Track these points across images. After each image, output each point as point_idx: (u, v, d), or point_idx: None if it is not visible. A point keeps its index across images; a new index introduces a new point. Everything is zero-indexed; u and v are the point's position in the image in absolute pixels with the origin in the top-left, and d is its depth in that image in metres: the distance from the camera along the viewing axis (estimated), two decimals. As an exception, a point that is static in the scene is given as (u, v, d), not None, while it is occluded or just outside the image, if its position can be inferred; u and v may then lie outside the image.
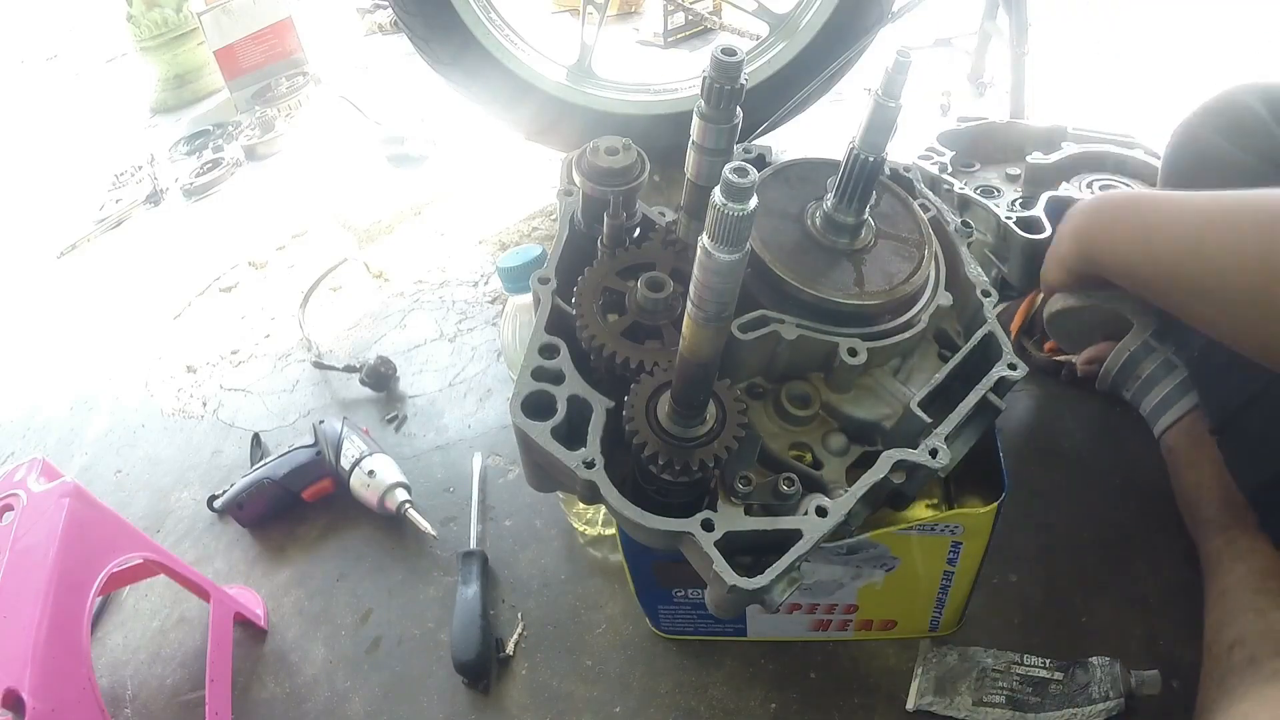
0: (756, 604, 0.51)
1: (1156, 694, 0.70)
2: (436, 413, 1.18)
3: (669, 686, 0.81)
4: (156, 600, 1.00)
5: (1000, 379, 0.60)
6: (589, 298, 0.59)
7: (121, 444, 1.28)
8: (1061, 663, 0.73)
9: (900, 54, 0.52)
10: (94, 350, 1.53)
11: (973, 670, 0.74)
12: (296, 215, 1.78)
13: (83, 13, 3.69)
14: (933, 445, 0.56)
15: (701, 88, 0.52)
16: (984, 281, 0.64)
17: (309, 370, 1.32)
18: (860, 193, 0.57)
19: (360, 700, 0.85)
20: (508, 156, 1.77)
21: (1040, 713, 0.71)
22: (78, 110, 2.86)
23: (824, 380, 0.60)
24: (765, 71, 1.43)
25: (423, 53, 1.44)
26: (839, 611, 0.75)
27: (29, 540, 0.72)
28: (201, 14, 2.31)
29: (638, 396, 0.53)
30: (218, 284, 1.63)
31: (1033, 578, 0.83)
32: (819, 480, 0.57)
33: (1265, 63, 1.53)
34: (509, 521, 0.99)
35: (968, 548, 0.67)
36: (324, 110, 2.25)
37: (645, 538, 0.54)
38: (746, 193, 0.38)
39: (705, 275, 0.42)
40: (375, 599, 0.95)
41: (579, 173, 0.62)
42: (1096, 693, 0.70)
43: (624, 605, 0.88)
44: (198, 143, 2.26)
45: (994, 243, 1.05)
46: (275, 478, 1.04)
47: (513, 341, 0.84)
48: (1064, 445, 0.95)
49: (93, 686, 0.68)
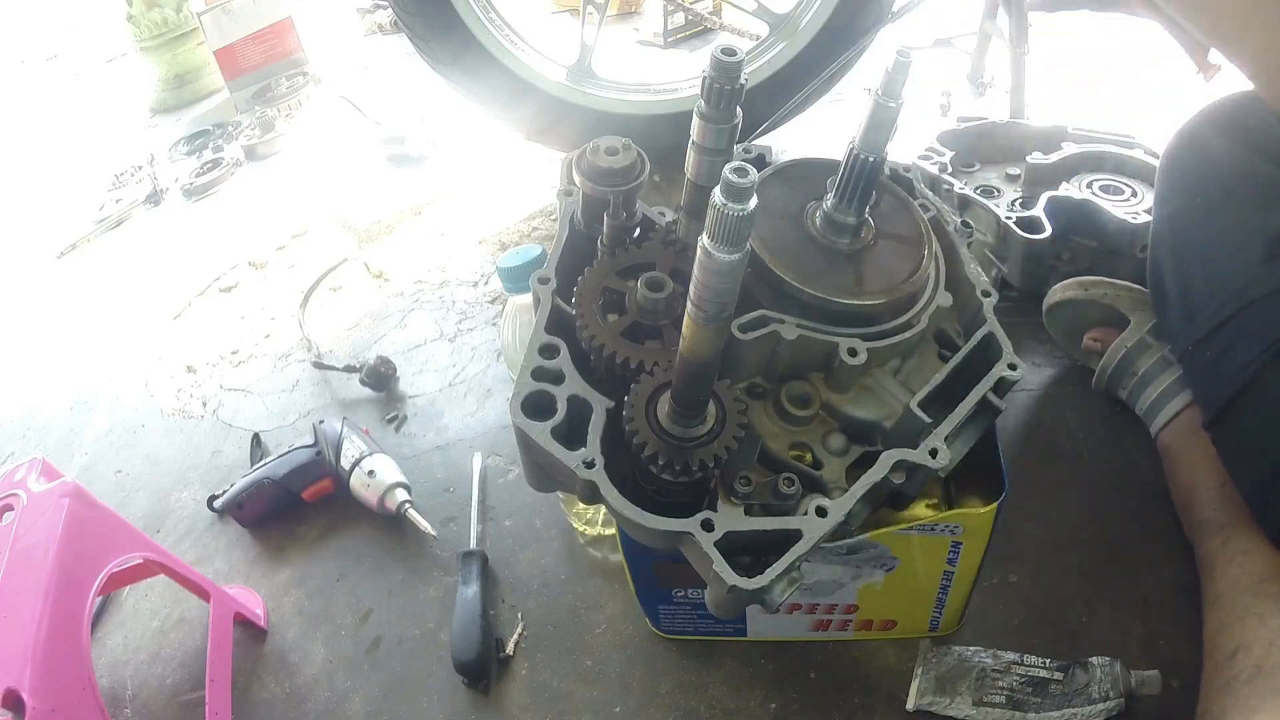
0: (756, 604, 0.51)
1: (1157, 694, 0.69)
2: (436, 413, 1.18)
3: (669, 686, 0.81)
4: (156, 600, 1.00)
5: (1000, 379, 0.60)
6: (589, 298, 0.59)
7: (121, 444, 1.28)
8: (1061, 663, 0.73)
9: (900, 54, 0.52)
10: (94, 350, 1.54)
11: (973, 670, 0.74)
12: (296, 215, 1.78)
13: (83, 13, 3.70)
14: (933, 445, 0.55)
15: (701, 88, 0.52)
16: (984, 281, 0.64)
17: (309, 370, 1.32)
18: (860, 193, 0.57)
19: (360, 700, 0.85)
20: (508, 156, 1.77)
21: (1040, 712, 0.71)
22: (78, 110, 2.87)
23: (824, 380, 0.60)
24: (765, 71, 1.43)
25: (423, 53, 1.44)
26: (839, 611, 0.75)
27: (29, 540, 0.72)
28: (201, 14, 2.31)
29: (638, 396, 0.53)
30: (218, 284, 1.63)
31: (1033, 578, 0.83)
32: (819, 480, 0.57)
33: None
34: (509, 521, 0.99)
35: (968, 548, 0.67)
36: (324, 110, 2.25)
37: (645, 538, 0.54)
38: (746, 193, 0.38)
39: (705, 275, 0.42)
40: (375, 599, 0.95)
41: (579, 173, 0.62)
42: (1096, 693, 0.70)
43: (624, 605, 0.88)
44: (198, 143, 2.26)
45: (994, 243, 1.05)
46: (275, 478, 1.04)
47: (513, 341, 0.84)
48: (1064, 445, 0.95)
49: (93, 686, 0.68)
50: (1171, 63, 1.53)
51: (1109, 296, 0.91)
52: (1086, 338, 0.95)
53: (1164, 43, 0.82)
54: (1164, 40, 0.81)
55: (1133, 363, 0.89)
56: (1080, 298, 0.93)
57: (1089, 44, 1.72)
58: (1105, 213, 0.99)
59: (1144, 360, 0.88)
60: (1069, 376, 1.02)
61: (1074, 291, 0.94)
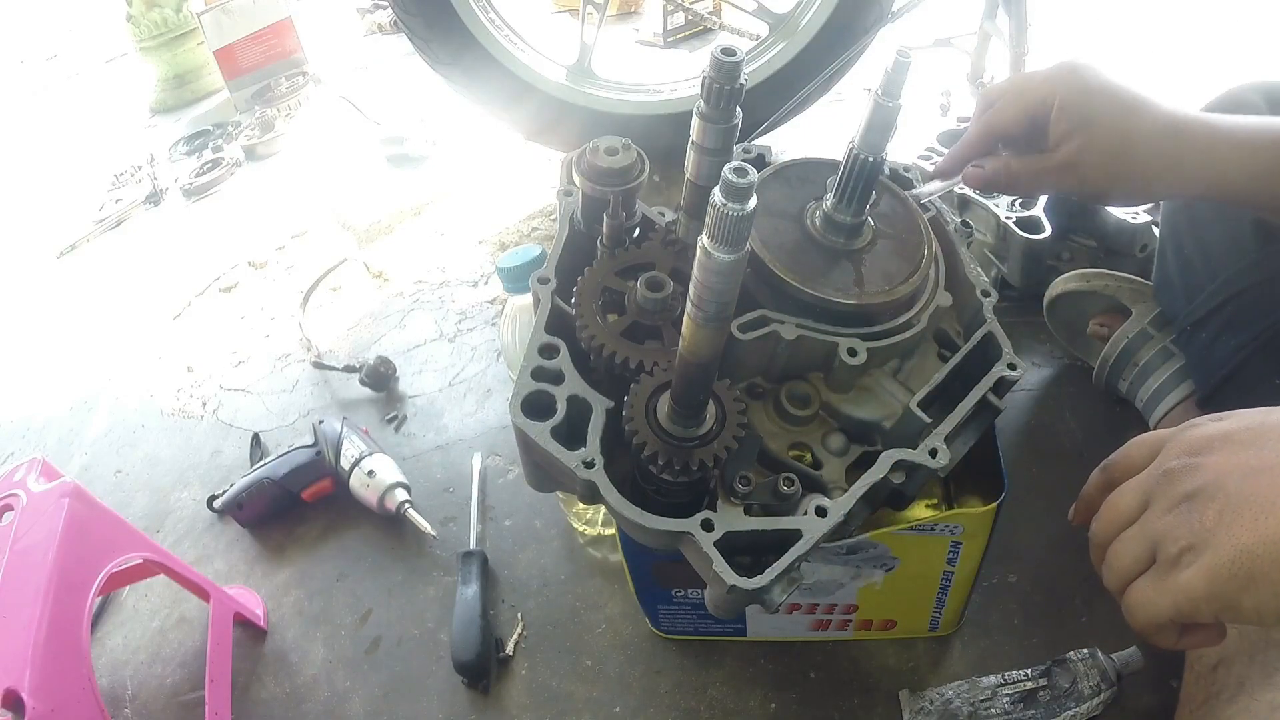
0: (756, 604, 0.51)
1: (1141, 669, 0.70)
2: (436, 413, 1.18)
3: (669, 686, 0.81)
4: (156, 600, 1.00)
5: (1000, 379, 0.60)
6: (589, 298, 0.59)
7: (121, 444, 1.28)
8: (1039, 667, 0.73)
9: (900, 54, 0.52)
10: (94, 350, 1.54)
11: (961, 712, 0.72)
12: (296, 215, 1.78)
13: (83, 13, 3.70)
14: (932, 445, 0.55)
15: (701, 88, 0.52)
16: (984, 281, 0.64)
17: (309, 370, 1.32)
18: (860, 193, 0.57)
19: (360, 700, 0.85)
20: (508, 156, 1.77)
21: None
22: (77, 110, 2.87)
23: (824, 380, 0.60)
24: (765, 71, 1.43)
25: (423, 53, 1.44)
26: (839, 611, 0.75)
27: (29, 540, 0.72)
28: (201, 14, 2.31)
29: (637, 396, 0.53)
30: (217, 284, 1.63)
31: (1033, 578, 0.83)
32: (819, 480, 0.57)
33: (1267, 61, 1.53)
34: (509, 521, 0.99)
35: (967, 548, 0.67)
36: (324, 110, 2.25)
37: (645, 538, 0.54)
38: (746, 193, 0.38)
39: (705, 275, 0.42)
40: (375, 599, 0.95)
41: (579, 173, 0.62)
42: (1086, 689, 0.70)
43: (624, 605, 0.88)
44: (197, 143, 2.26)
45: (994, 243, 1.05)
46: (275, 478, 1.04)
47: (512, 341, 0.84)
48: (1064, 445, 0.95)
49: (92, 686, 0.68)
50: (1172, 62, 1.54)
51: (1110, 288, 0.92)
52: (1092, 323, 0.96)
53: (1164, 43, 0.82)
54: (1164, 40, 0.81)
55: (1134, 353, 0.89)
56: (1082, 289, 0.93)
57: (1089, 44, 1.72)
58: (1105, 212, 0.99)
59: (1145, 351, 0.88)
60: (1069, 376, 1.02)
61: (1076, 283, 0.94)
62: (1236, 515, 0.40)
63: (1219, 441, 0.44)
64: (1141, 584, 0.45)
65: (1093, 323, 0.96)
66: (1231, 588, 0.40)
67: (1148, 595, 0.44)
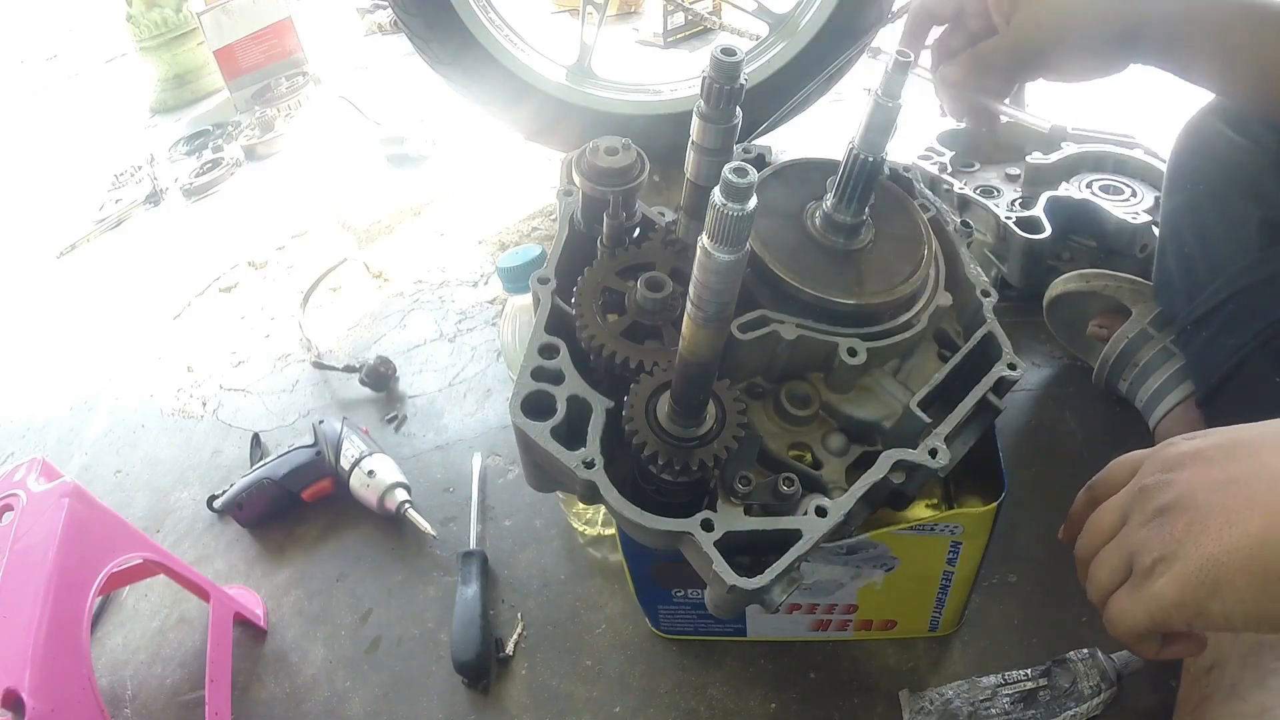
0: (756, 604, 0.51)
1: (1141, 669, 0.70)
2: (436, 413, 1.18)
3: (669, 686, 0.81)
4: (156, 600, 1.00)
5: (1000, 379, 0.60)
6: (589, 298, 0.59)
7: (121, 444, 1.28)
8: (1039, 667, 0.73)
9: (900, 54, 0.52)
10: (94, 350, 1.54)
11: (961, 713, 0.73)
12: (296, 215, 1.78)
13: (83, 13, 3.70)
14: (932, 445, 0.55)
15: (701, 88, 0.52)
16: (984, 281, 0.64)
17: (309, 370, 1.32)
18: (860, 193, 0.57)
19: (360, 700, 0.85)
20: (508, 156, 1.77)
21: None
22: (77, 110, 2.87)
23: (824, 380, 0.60)
24: (765, 71, 1.43)
25: (423, 53, 1.44)
26: (839, 611, 0.75)
27: (29, 540, 0.72)
28: (201, 14, 2.31)
29: (637, 396, 0.53)
30: (217, 284, 1.63)
31: (1033, 578, 0.83)
32: (819, 480, 0.57)
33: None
34: (509, 521, 0.99)
35: (967, 548, 0.67)
36: (324, 110, 2.25)
37: (645, 538, 0.54)
38: (746, 193, 0.38)
39: (705, 275, 0.42)
40: (375, 599, 0.95)
41: (578, 173, 0.62)
42: (1086, 689, 0.70)
43: (624, 605, 0.88)
44: (197, 143, 2.26)
45: (994, 243, 1.05)
46: (275, 478, 1.04)
47: (512, 341, 0.84)
48: (1064, 445, 0.95)
49: (92, 686, 0.68)
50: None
51: (1110, 288, 0.92)
52: (1092, 324, 0.96)
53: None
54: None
55: (1134, 353, 0.89)
56: (1082, 289, 0.93)
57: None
58: (1105, 212, 0.99)
59: (1145, 351, 0.88)
60: (1069, 376, 1.02)
61: (1076, 284, 0.94)
62: (1204, 526, 0.42)
63: (1190, 458, 0.46)
64: (1120, 595, 0.46)
65: (1093, 323, 0.96)
66: (1200, 595, 0.41)
67: (1125, 606, 0.46)
